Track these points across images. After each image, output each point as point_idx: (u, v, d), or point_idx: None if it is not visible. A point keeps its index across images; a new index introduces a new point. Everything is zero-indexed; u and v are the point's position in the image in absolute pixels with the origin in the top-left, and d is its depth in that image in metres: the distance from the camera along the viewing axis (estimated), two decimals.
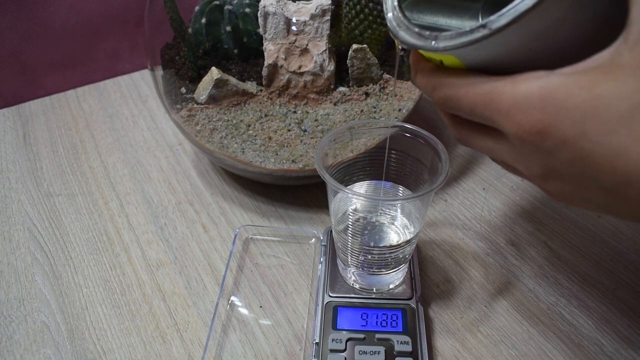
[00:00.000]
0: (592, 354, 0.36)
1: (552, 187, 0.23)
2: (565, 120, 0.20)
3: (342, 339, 0.35)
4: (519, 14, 0.19)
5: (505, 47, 0.21)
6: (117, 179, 0.52)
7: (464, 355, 0.36)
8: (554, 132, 0.20)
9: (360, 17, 0.44)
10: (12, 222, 0.48)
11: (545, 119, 0.20)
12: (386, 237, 0.37)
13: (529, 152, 0.22)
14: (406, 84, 0.45)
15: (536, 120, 0.20)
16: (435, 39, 0.22)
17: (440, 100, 0.25)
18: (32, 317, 0.39)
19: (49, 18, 0.62)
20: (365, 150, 0.39)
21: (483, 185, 0.50)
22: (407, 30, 0.24)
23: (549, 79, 0.20)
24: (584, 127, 0.19)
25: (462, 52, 0.22)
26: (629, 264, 0.42)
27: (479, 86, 0.22)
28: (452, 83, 0.24)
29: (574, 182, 0.22)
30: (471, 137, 0.26)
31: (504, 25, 0.20)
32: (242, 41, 0.46)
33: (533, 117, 0.20)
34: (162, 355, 0.37)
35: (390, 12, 0.25)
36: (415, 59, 0.26)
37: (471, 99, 0.23)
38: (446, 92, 0.24)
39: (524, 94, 0.21)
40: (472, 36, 0.21)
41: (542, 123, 0.20)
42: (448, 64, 0.24)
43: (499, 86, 0.22)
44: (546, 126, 0.20)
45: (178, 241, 0.45)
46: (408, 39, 0.24)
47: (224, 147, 0.44)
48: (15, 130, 0.60)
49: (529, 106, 0.21)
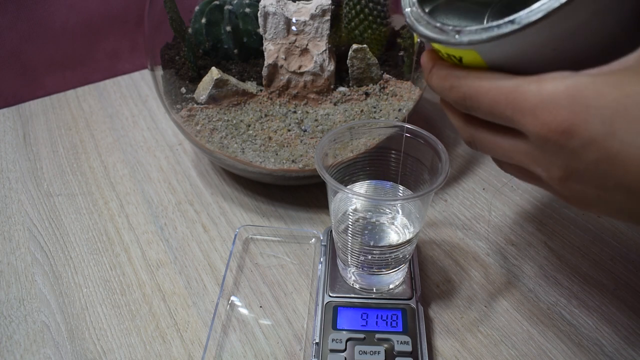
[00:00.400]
0: (592, 354, 0.36)
1: (572, 190, 0.22)
2: (593, 120, 0.19)
3: (342, 339, 0.35)
4: (549, 10, 0.19)
5: (531, 45, 0.21)
6: (117, 179, 0.52)
7: (464, 355, 0.36)
8: (581, 131, 0.20)
9: (360, 17, 0.44)
10: (12, 222, 0.48)
11: (572, 117, 0.20)
12: (386, 237, 0.37)
13: (551, 153, 0.21)
14: (406, 84, 0.45)
15: (563, 119, 0.20)
16: (458, 33, 0.22)
17: (458, 99, 0.24)
18: (32, 317, 0.39)
19: (49, 18, 0.62)
20: (365, 150, 0.39)
21: (483, 185, 0.50)
22: (428, 25, 0.24)
23: (577, 78, 0.20)
24: (613, 126, 0.19)
25: (486, 48, 0.22)
26: (629, 264, 0.42)
27: (501, 84, 0.22)
28: (473, 81, 0.23)
29: (596, 184, 0.21)
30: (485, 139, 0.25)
31: (534, 21, 0.20)
32: (242, 41, 0.46)
33: (560, 116, 0.20)
34: (162, 355, 0.37)
35: (408, 8, 0.25)
36: (430, 58, 0.26)
37: (493, 97, 0.22)
38: (465, 91, 0.23)
39: (550, 92, 0.20)
40: (499, 31, 0.21)
41: (569, 122, 0.20)
42: (468, 61, 0.23)
43: (524, 84, 0.21)
44: (573, 125, 0.20)
45: (178, 241, 0.45)
46: (429, 33, 0.23)
47: (224, 147, 0.44)
48: (15, 130, 0.60)
49: (555, 105, 0.20)
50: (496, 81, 0.22)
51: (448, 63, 0.25)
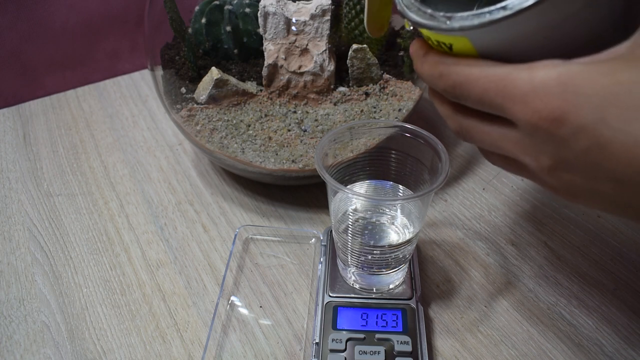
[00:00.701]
0: (592, 354, 0.36)
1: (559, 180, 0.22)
2: (584, 107, 0.19)
3: (342, 339, 0.35)
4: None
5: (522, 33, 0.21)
6: (117, 179, 0.52)
7: (464, 355, 0.36)
8: (572, 118, 0.20)
9: (360, 17, 0.44)
10: (12, 222, 0.48)
11: (563, 105, 0.20)
12: (386, 237, 0.37)
13: (541, 142, 0.21)
14: (406, 84, 0.45)
15: (554, 107, 0.20)
16: (449, 19, 0.22)
17: (448, 87, 0.24)
18: (32, 317, 0.39)
19: (49, 18, 0.62)
20: (365, 150, 0.39)
21: (483, 185, 0.50)
22: (419, 11, 0.23)
23: (568, 66, 0.20)
24: (604, 113, 0.19)
25: (478, 35, 0.22)
26: (629, 264, 0.42)
27: (492, 71, 0.22)
28: (463, 68, 0.23)
29: (585, 174, 0.21)
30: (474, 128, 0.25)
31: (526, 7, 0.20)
32: (242, 41, 0.46)
33: (550, 103, 0.20)
34: (162, 355, 0.37)
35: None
36: (419, 46, 0.26)
37: (483, 85, 0.22)
38: (455, 79, 0.23)
39: (541, 79, 0.20)
40: (491, 17, 0.21)
41: (560, 109, 0.20)
42: (458, 49, 0.23)
43: (514, 72, 0.21)
44: (564, 113, 0.20)
45: (178, 241, 0.45)
46: (420, 20, 0.23)
47: (224, 147, 0.44)
48: (15, 130, 0.60)
49: (547, 92, 0.20)
50: (487, 69, 0.22)
51: (438, 51, 0.25)
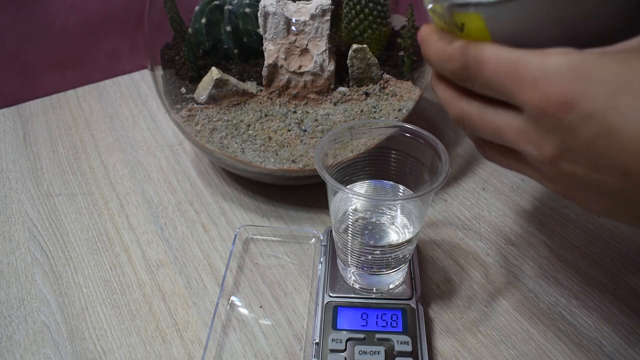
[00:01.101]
0: (592, 354, 0.36)
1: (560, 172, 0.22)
2: (595, 93, 0.19)
3: (342, 339, 0.35)
4: None
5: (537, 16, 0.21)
6: (117, 179, 0.52)
7: (464, 355, 0.36)
8: (582, 104, 0.19)
9: (360, 17, 0.44)
10: (12, 222, 0.48)
11: (574, 90, 0.19)
12: (386, 237, 0.37)
13: (546, 129, 0.21)
14: (406, 84, 0.45)
15: (564, 91, 0.20)
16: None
17: (457, 69, 0.24)
18: (32, 317, 0.39)
19: (49, 18, 0.62)
20: (365, 150, 0.39)
21: (483, 185, 0.50)
22: None
23: (581, 54, 0.20)
24: (616, 100, 0.19)
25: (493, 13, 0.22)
26: (629, 264, 0.42)
27: (503, 54, 0.22)
28: (474, 50, 0.23)
29: (589, 164, 0.21)
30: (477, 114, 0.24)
31: None
32: (242, 41, 0.46)
33: (561, 87, 0.20)
34: (162, 355, 0.37)
35: None
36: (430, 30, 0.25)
37: (493, 67, 0.22)
38: (465, 60, 0.23)
39: (553, 64, 0.20)
40: None
41: (571, 94, 0.19)
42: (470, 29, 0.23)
43: (526, 56, 0.21)
44: (574, 98, 0.19)
45: (178, 241, 0.45)
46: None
47: (224, 147, 0.44)
48: (15, 130, 0.60)
49: (558, 76, 0.20)
50: (498, 51, 0.22)
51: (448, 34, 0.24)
